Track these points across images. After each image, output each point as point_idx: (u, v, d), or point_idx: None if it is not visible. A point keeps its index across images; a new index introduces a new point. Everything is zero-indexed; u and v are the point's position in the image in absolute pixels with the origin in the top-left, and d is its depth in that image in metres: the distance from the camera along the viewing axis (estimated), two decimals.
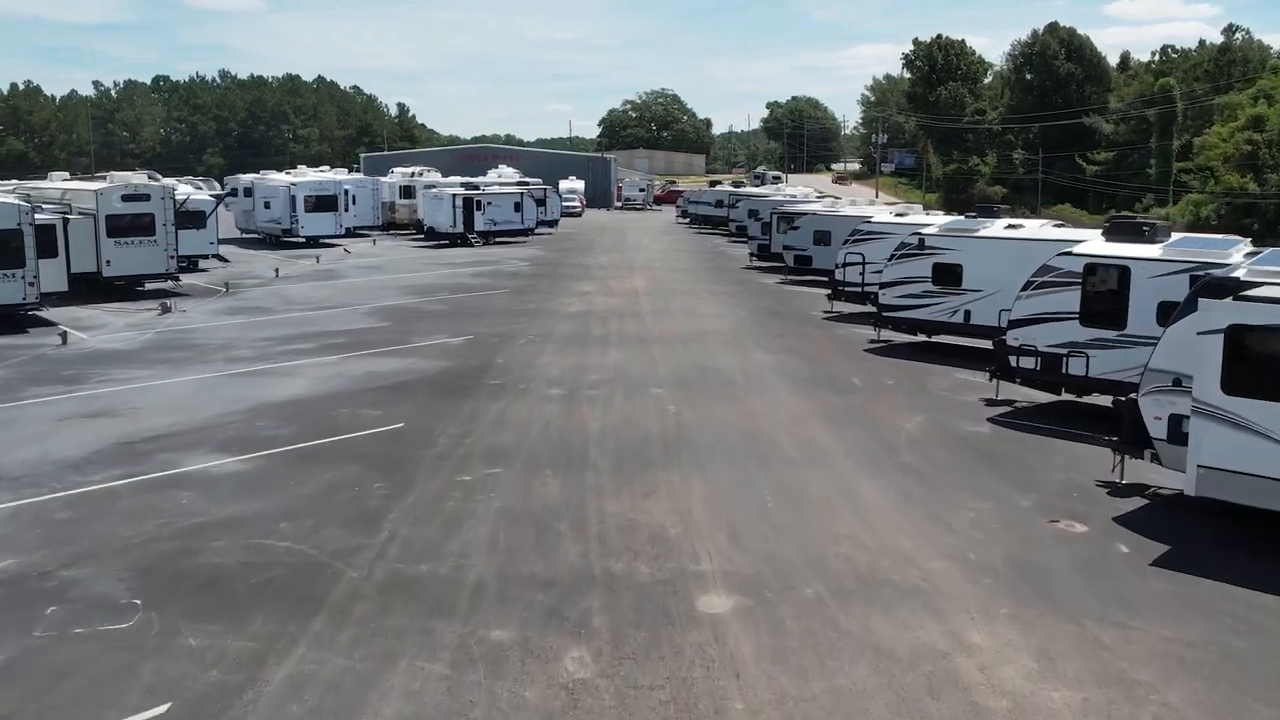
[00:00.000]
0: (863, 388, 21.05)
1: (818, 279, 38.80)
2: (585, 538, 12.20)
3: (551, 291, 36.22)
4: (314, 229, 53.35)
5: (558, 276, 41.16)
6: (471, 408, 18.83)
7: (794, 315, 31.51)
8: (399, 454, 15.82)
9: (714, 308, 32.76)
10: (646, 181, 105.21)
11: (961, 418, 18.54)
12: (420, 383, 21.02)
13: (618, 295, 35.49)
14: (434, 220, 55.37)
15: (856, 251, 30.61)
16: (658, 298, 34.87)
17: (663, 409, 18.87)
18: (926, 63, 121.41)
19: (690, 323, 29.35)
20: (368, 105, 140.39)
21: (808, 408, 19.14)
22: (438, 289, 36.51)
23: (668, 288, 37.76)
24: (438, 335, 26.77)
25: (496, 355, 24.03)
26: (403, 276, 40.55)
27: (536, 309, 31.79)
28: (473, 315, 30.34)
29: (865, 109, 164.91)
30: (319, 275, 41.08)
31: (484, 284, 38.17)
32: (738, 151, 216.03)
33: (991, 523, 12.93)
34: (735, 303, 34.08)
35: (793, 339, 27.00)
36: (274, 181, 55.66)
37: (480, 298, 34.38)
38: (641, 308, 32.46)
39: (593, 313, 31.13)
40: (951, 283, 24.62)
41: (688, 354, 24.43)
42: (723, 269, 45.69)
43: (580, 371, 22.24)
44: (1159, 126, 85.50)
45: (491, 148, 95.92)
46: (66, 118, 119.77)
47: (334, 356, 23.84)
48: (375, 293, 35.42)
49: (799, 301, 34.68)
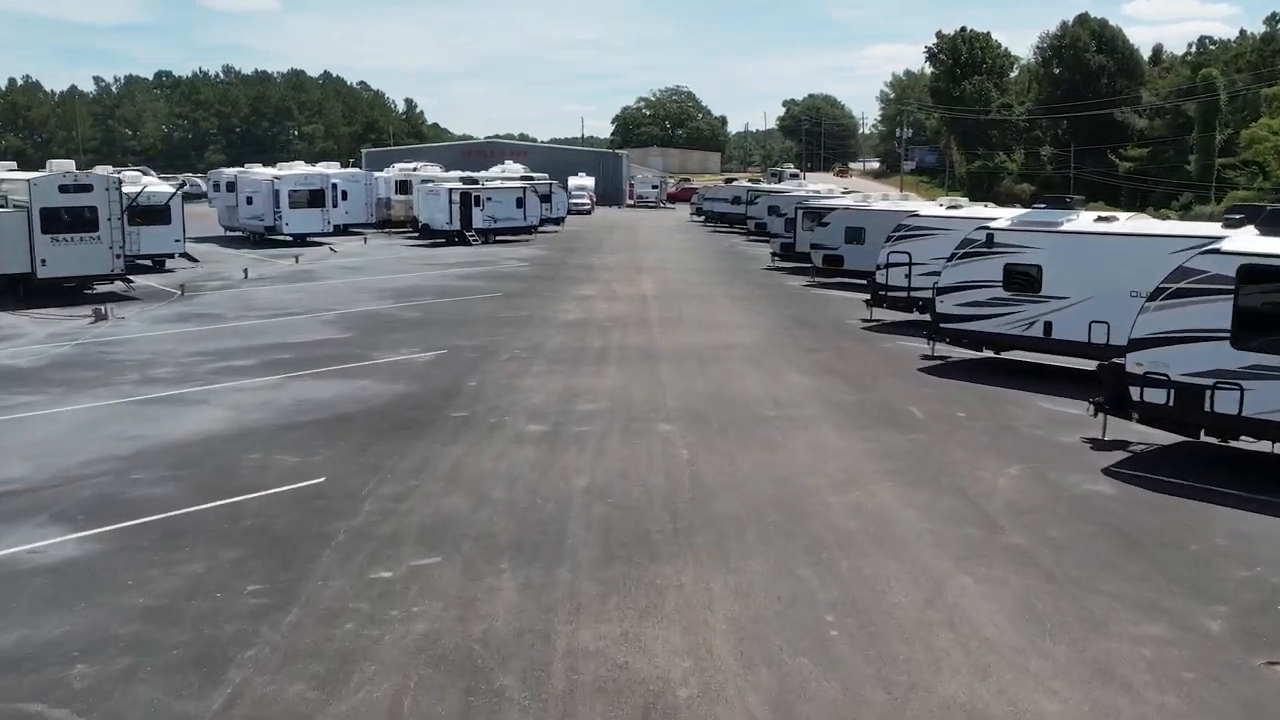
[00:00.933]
0: (927, 422, 16.36)
1: (850, 281, 34.11)
2: (542, 709, 7.57)
3: (548, 296, 31.61)
4: (299, 226, 48.94)
5: (558, 279, 36.56)
6: (421, 453, 14.24)
7: (827, 325, 26.81)
8: (303, 529, 11.24)
9: (733, 315, 28.09)
10: (659, 178, 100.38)
11: (1069, 468, 13.82)
12: (365, 415, 16.44)
13: (623, 300, 30.85)
14: (429, 217, 50.85)
15: (902, 250, 25.92)
16: (668, 303, 30.22)
17: (672, 455, 14.23)
18: (950, 56, 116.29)
19: (706, 334, 24.70)
20: (375, 101, 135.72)
21: (862, 453, 14.47)
22: (421, 292, 31.97)
23: (680, 291, 33.11)
24: (405, 349, 22.22)
25: (470, 376, 19.44)
26: (386, 278, 36.03)
27: (528, 316, 27.18)
28: (453, 324, 25.76)
29: (884, 106, 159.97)
30: (293, 277, 36.60)
31: (474, 287, 33.61)
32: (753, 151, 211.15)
33: (1180, 667, 8.24)
34: (758, 309, 29.40)
35: (829, 355, 22.32)
36: (257, 175, 51.29)
37: (466, 303, 29.80)
38: (649, 315, 27.82)
39: (592, 321, 26.52)
40: (1028, 288, 19.91)
41: (704, 375, 19.78)
42: (742, 270, 41.00)
43: (570, 399, 17.63)
44: (1200, 120, 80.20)
45: (499, 143, 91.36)
46: (66, 114, 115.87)
47: (272, 377, 19.31)
48: (349, 297, 30.90)
49: (831, 308, 29.97)
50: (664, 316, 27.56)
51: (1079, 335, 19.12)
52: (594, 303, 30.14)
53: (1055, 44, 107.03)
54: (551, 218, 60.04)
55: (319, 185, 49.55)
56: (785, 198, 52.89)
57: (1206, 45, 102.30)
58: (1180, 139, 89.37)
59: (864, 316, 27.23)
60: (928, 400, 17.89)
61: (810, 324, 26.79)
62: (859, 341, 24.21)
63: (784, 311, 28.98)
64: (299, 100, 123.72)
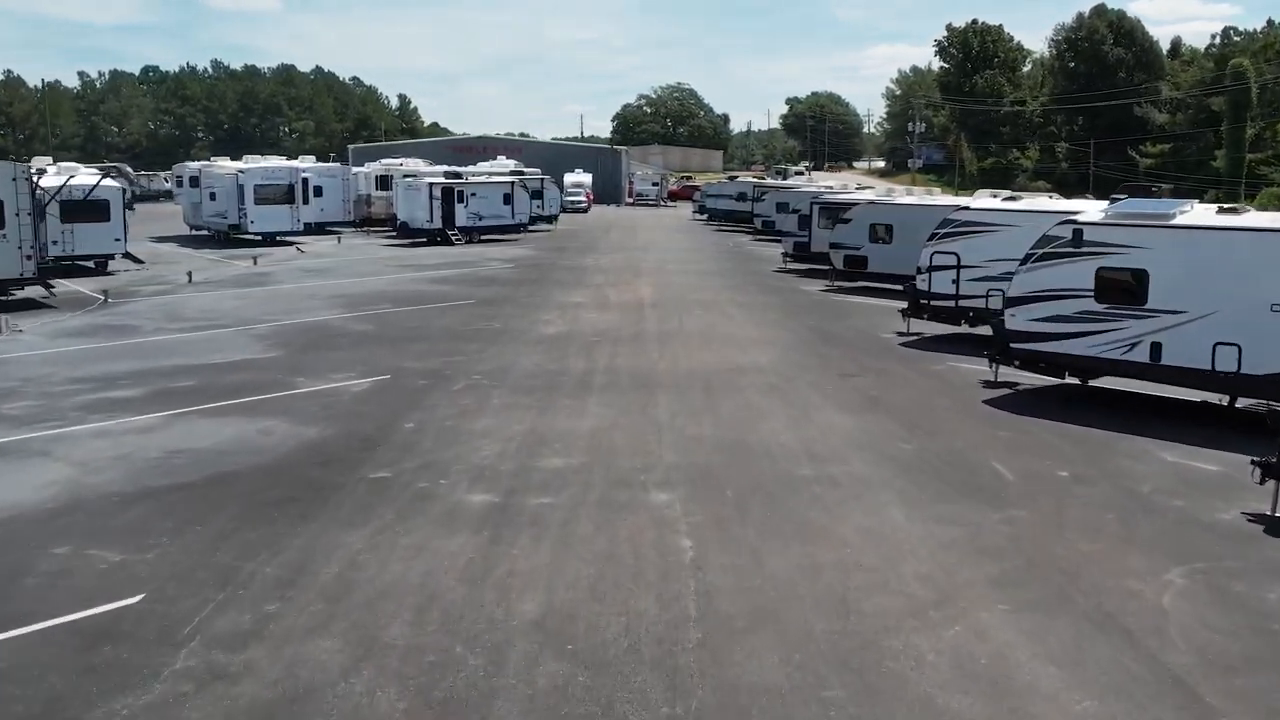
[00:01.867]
0: (1021, 487, 11.80)
1: (876, 286, 29.59)
2: None
3: (529, 303, 27.05)
4: (266, 224, 44.41)
5: (544, 282, 32.00)
6: (304, 546, 9.69)
7: (858, 339, 22.25)
8: (61, 705, 6.72)
9: (746, 328, 23.53)
10: (659, 175, 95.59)
11: (1258, 575, 9.26)
12: (252, 476, 11.90)
13: (615, 309, 26.28)
14: (408, 214, 46.27)
15: (949, 251, 21.37)
16: (668, 313, 25.66)
17: (669, 552, 9.67)
18: (961, 50, 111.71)
19: (713, 353, 20.14)
20: (367, 97, 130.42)
21: (945, 544, 9.90)
22: (383, 299, 27.42)
23: (682, 298, 28.53)
24: (340, 374, 17.68)
25: (409, 413, 14.88)
26: (347, 283, 31.49)
27: (501, 330, 22.62)
28: (408, 339, 21.21)
29: (891, 103, 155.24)
30: (244, 280, 32.06)
31: (446, 293, 29.05)
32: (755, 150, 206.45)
33: None
34: (773, 320, 24.84)
35: (869, 381, 17.75)
36: (221, 170, 46.72)
37: (431, 312, 25.25)
38: (645, 328, 23.25)
39: (577, 336, 21.96)
40: (1129, 299, 15.36)
41: (712, 412, 15.22)
42: (751, 272, 36.42)
43: (533, 449, 13.08)
44: (1230, 112, 75.54)
45: (492, 139, 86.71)
46: (48, 109, 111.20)
47: (154, 415, 14.77)
48: (298, 304, 26.38)
49: (859, 318, 25.40)
50: (663, 330, 22.99)
51: (1199, 361, 14.61)
52: (581, 312, 25.57)
53: (1071, 36, 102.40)
54: (543, 215, 55.49)
55: (287, 180, 44.96)
56: (796, 193, 48.32)
57: (1231, 36, 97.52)
58: (1206, 133, 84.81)
59: (899, 329, 22.71)
60: (1011, 450, 13.33)
61: (837, 339, 22.22)
62: (901, 362, 19.62)
63: (804, 322, 24.40)
64: (289, 96, 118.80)
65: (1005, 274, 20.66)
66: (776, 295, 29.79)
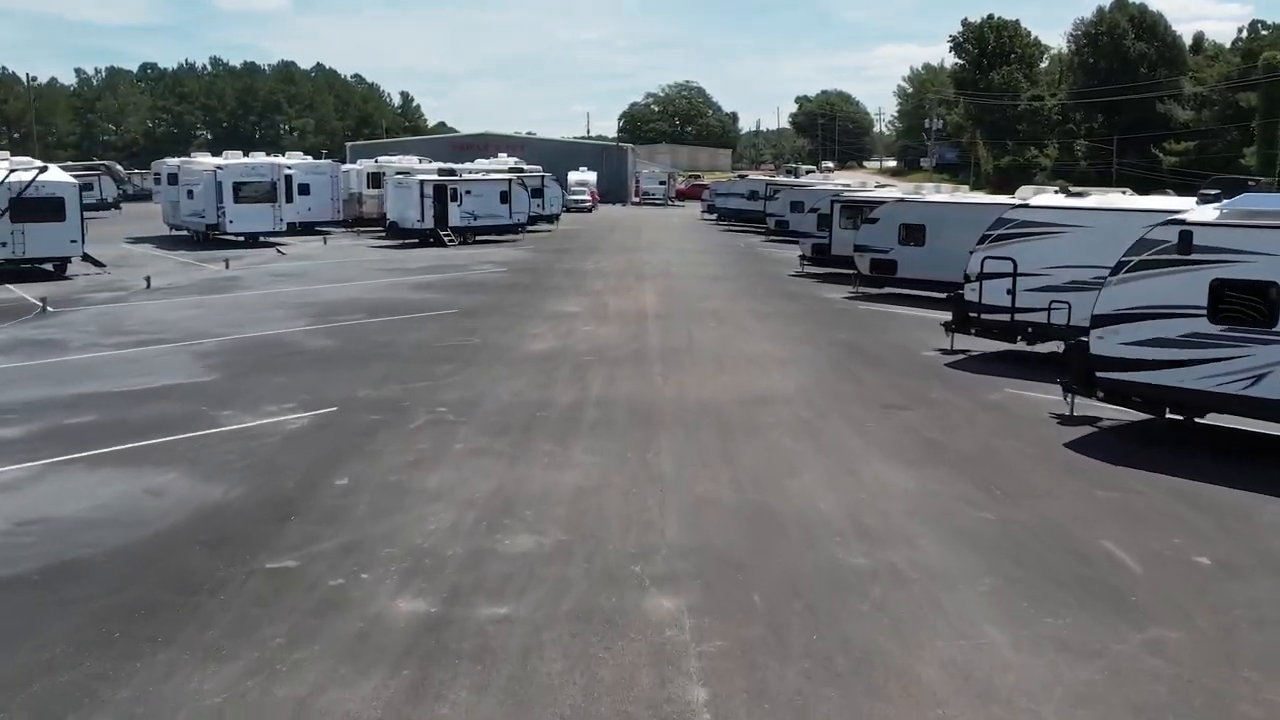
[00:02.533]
0: (1154, 584, 8.56)
1: (906, 294, 26.43)
2: None
3: (519, 314, 23.90)
4: (246, 224, 41.33)
5: (537, 289, 28.84)
6: (128, 702, 6.53)
7: (896, 359, 19.02)
8: None
9: (764, 344, 20.31)
10: (666, 173, 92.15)
11: None
12: (109, 564, 8.74)
13: (615, 321, 23.09)
14: (399, 213, 43.13)
15: (1003, 256, 18.14)
16: (675, 325, 22.47)
17: (674, 707, 6.49)
18: (977, 45, 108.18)
19: (729, 377, 16.93)
20: (369, 95, 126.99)
21: (1079, 699, 6.67)
22: (356, 308, 24.30)
23: (691, 307, 25.35)
24: (279, 405, 14.54)
25: (345, 464, 11.70)
26: (322, 289, 28.37)
27: (480, 347, 19.44)
28: (370, 359, 18.06)
29: (902, 101, 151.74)
30: (207, 286, 28.97)
31: (427, 301, 25.92)
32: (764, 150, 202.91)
33: None
34: (796, 334, 21.64)
35: (920, 415, 14.51)
36: (199, 166, 43.66)
37: (405, 325, 22.12)
38: (648, 345, 20.04)
39: (568, 355, 18.77)
40: (1254, 318, 12.15)
41: (729, 462, 11.99)
42: (765, 276, 33.19)
43: (495, 520, 9.89)
44: (1263, 107, 72.10)
45: (493, 135, 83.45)
46: (43, 108, 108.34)
47: (26, 464, 11.62)
48: (257, 316, 23.28)
49: (893, 331, 22.17)
50: (669, 346, 19.79)
51: None
52: (576, 324, 22.40)
53: (1091, 31, 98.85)
54: (544, 215, 52.31)
55: (269, 177, 41.83)
56: (813, 191, 45.12)
57: (1259, 30, 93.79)
58: (1233, 129, 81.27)
59: (941, 345, 19.50)
60: (1122, 521, 10.10)
61: (873, 357, 18.98)
62: (952, 389, 16.38)
63: (832, 336, 21.18)
64: (289, 93, 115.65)
65: (1071, 284, 17.53)
66: (796, 303, 26.56)
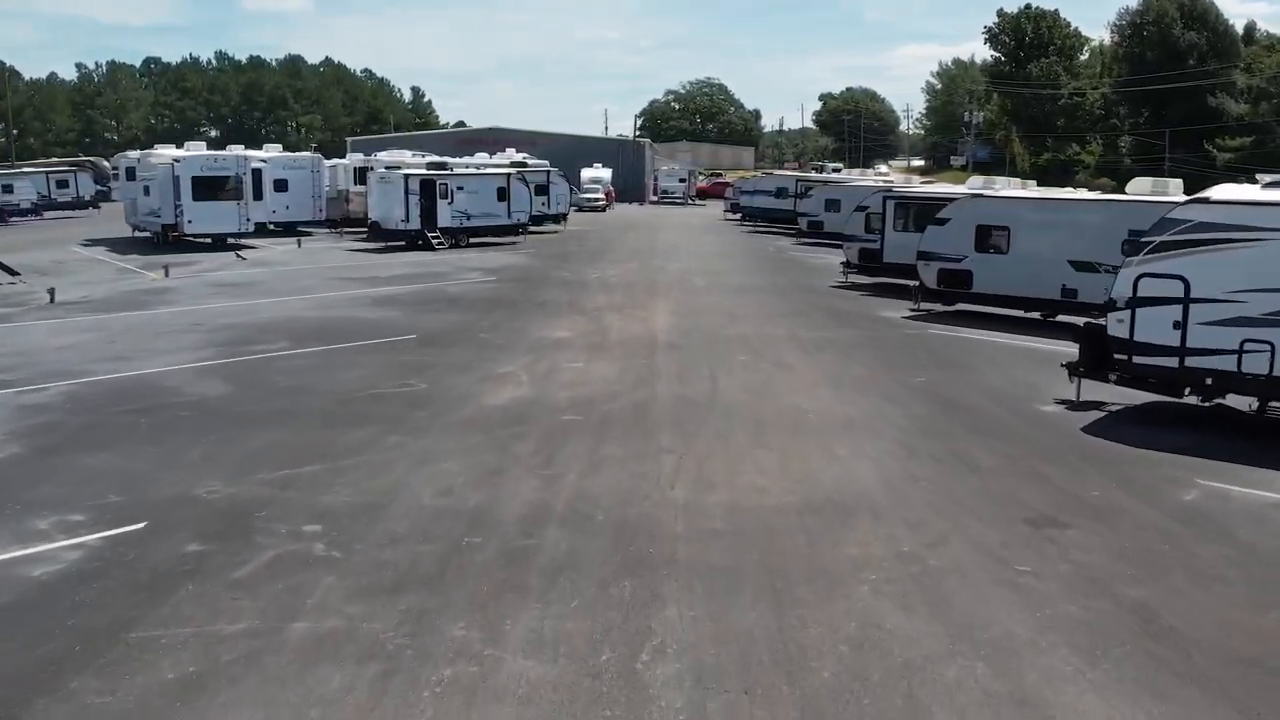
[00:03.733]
0: None
1: (984, 311, 20.71)
2: None
3: (493, 342, 18.27)
4: (206, 223, 35.92)
5: (526, 305, 23.22)
6: None
7: (1007, 416, 13.22)
8: None
9: (821, 394, 14.55)
10: (687, 170, 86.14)
11: None
12: None
13: (614, 353, 17.39)
14: (382, 213, 37.58)
15: (1169, 274, 12.40)
16: (694, 361, 16.76)
17: None
18: (1013, 37, 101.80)
19: (777, 457, 11.17)
20: (378, 90, 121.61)
21: None
22: (285, 333, 18.77)
23: (715, 332, 19.66)
24: (59, 515, 8.97)
25: (71, 678, 6.13)
26: (261, 305, 22.88)
27: (423, 395, 13.79)
28: (255, 420, 12.45)
29: (930, 97, 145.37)
30: (122, 302, 23.49)
31: (383, 322, 20.35)
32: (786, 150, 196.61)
33: None
34: (859, 375, 15.88)
35: (1094, 543, 8.73)
36: (156, 159, 38.29)
37: (340, 358, 16.53)
38: (655, 395, 14.29)
39: (539, 413, 13.08)
40: None
41: (798, 678, 6.29)
42: (803, 289, 27.41)
43: None
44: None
45: (502, 130, 77.83)
46: (42, 103, 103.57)
47: None
48: (149, 344, 17.77)
49: (986, 368, 16.36)
50: (684, 397, 14.08)
51: None
52: (563, 358, 16.74)
53: (1137, 21, 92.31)
54: (550, 214, 46.68)
55: (232, 171, 36.41)
56: (853, 188, 39.39)
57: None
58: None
59: (1064, 395, 13.77)
60: None
61: (976, 416, 13.19)
62: (1117, 481, 10.57)
63: (908, 379, 15.41)
64: (294, 88, 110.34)
65: (1276, 315, 11.83)
66: (849, 326, 20.80)
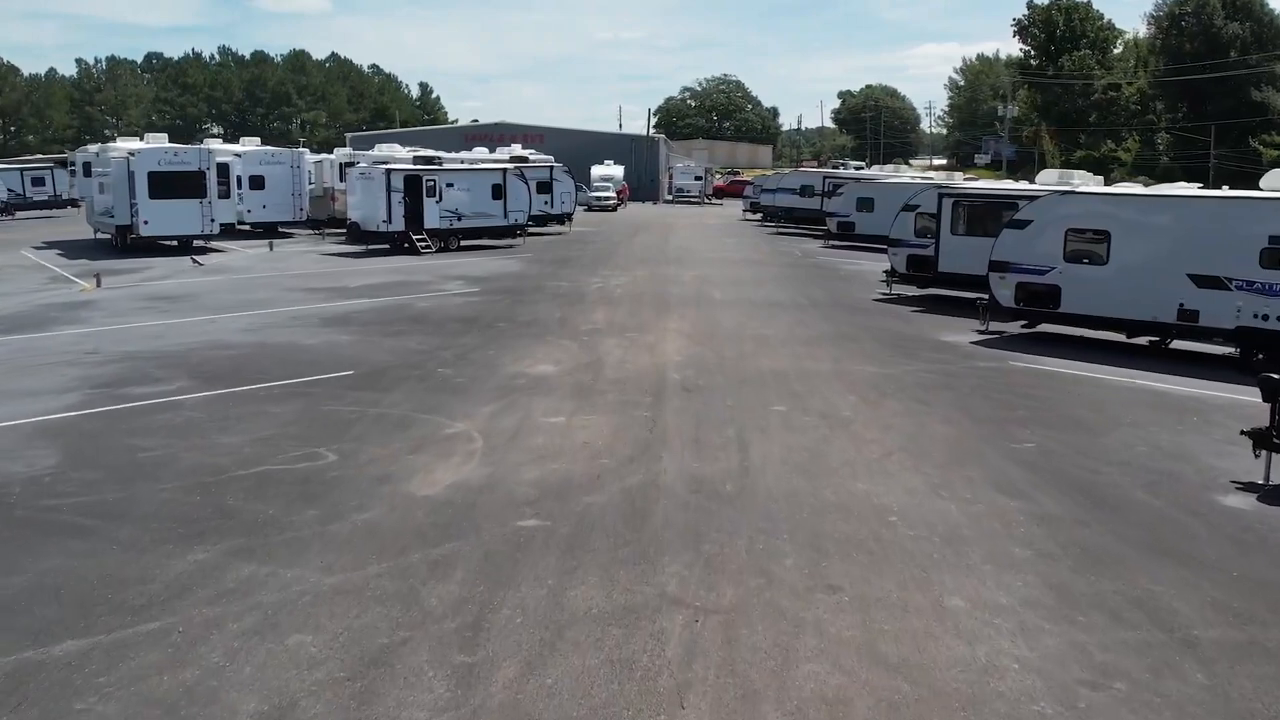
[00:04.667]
0: None
1: (1077, 334, 16.27)
2: None
3: (446, 384, 13.92)
4: (165, 224, 31.78)
5: (505, 326, 18.88)
6: None
7: (1181, 512, 8.78)
8: None
9: (899, 477, 10.13)
10: (703, 168, 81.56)
11: None
12: None
13: (608, 399, 12.98)
14: (362, 212, 33.38)
15: None
16: (715, 416, 12.36)
17: None
18: (1044, 30, 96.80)
19: (860, 625, 6.83)
20: (385, 86, 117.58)
21: None
22: (187, 371, 14.50)
23: (741, 366, 15.26)
24: None
25: None
26: (186, 326, 18.64)
27: (323, 481, 9.43)
28: (47, 533, 8.14)
29: (954, 94, 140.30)
30: (14, 323, 19.33)
31: (319, 351, 16.06)
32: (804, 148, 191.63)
33: None
34: (945, 436, 11.44)
35: None
36: (113, 153, 34.17)
37: (240, 407, 12.23)
38: (660, 478, 9.87)
39: (484, 511, 8.68)
40: None
41: None
42: (843, 305, 22.97)
43: None
44: None
45: (509, 125, 73.53)
46: (40, 100, 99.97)
47: None
48: (2, 384, 13.56)
49: (1116, 428, 11.87)
50: (701, 480, 9.65)
51: None
52: (536, 408, 12.36)
53: (1175, 11, 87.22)
54: (553, 214, 42.37)
55: (194, 165, 32.26)
56: (889, 185, 34.99)
57: None
58: None
59: (1248, 478, 9.32)
60: None
61: (1140, 521, 8.73)
62: None
63: (1016, 448, 10.97)
64: (299, 84, 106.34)
65: None
66: (908, 356, 16.36)
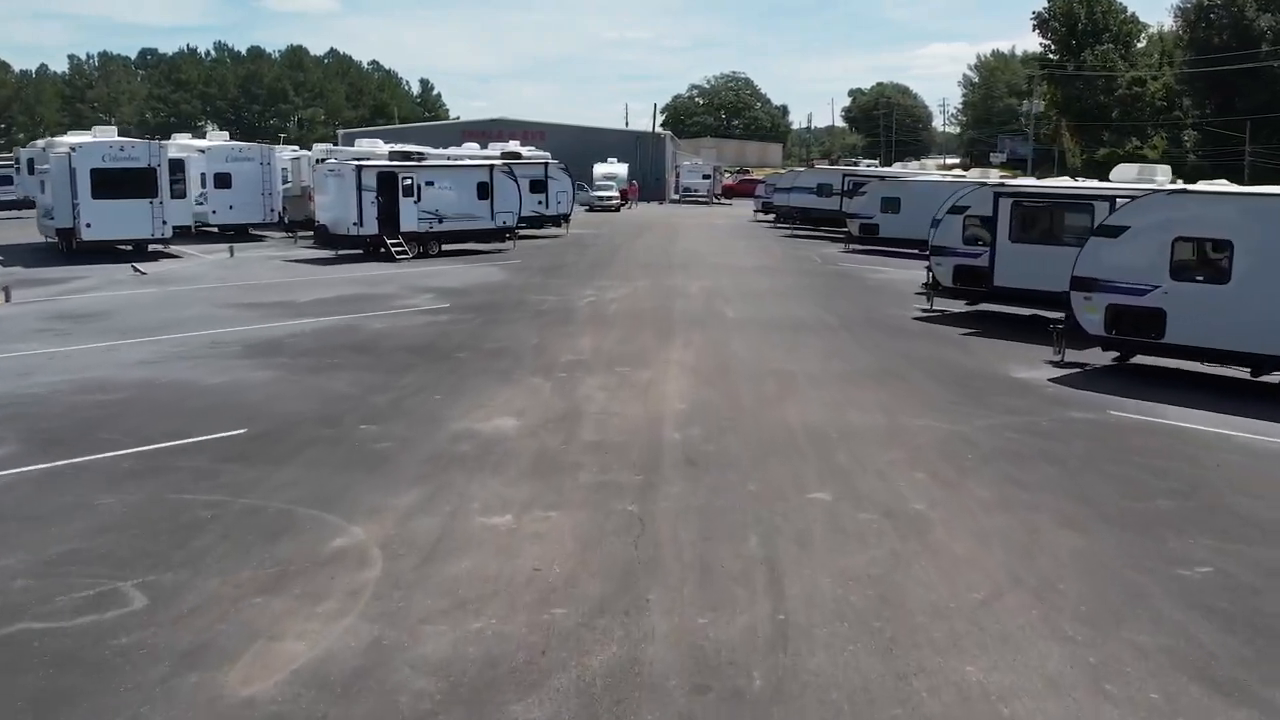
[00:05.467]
0: None
1: (1188, 369, 12.50)
2: None
3: (362, 450, 10.28)
4: (109, 227, 28.14)
5: (462, 358, 15.21)
6: None
7: None
8: None
9: (1024, 634, 6.48)
10: (711, 166, 77.80)
11: None
12: None
13: (576, 486, 9.31)
14: (331, 214, 29.75)
15: None
16: (726, 498, 8.68)
17: None
18: (1065, 23, 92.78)
19: None
20: (385, 83, 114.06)
21: None
22: (45, 419, 10.90)
23: (762, 418, 11.58)
24: None
25: None
26: (73, 353, 15.04)
27: (103, 657, 5.84)
28: None
29: (968, 91, 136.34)
30: None
31: (221, 393, 12.44)
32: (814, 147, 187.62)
33: None
34: (1080, 560, 7.77)
35: None
36: (57, 148, 30.63)
37: (64, 493, 8.59)
38: (638, 652, 6.23)
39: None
40: None
41: None
42: (878, 324, 19.23)
43: None
44: None
45: (508, 121, 69.98)
46: (30, 96, 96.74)
47: None
48: None
49: None
50: (706, 653, 5.94)
51: None
52: (477, 494, 8.69)
53: (1204, 4, 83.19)
54: (548, 215, 38.72)
55: (143, 162, 28.64)
56: (920, 184, 31.28)
57: None
58: None
59: None
60: None
61: None
62: None
63: (1185, 575, 7.28)
64: (296, 80, 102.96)
65: None
66: (977, 401, 12.62)
